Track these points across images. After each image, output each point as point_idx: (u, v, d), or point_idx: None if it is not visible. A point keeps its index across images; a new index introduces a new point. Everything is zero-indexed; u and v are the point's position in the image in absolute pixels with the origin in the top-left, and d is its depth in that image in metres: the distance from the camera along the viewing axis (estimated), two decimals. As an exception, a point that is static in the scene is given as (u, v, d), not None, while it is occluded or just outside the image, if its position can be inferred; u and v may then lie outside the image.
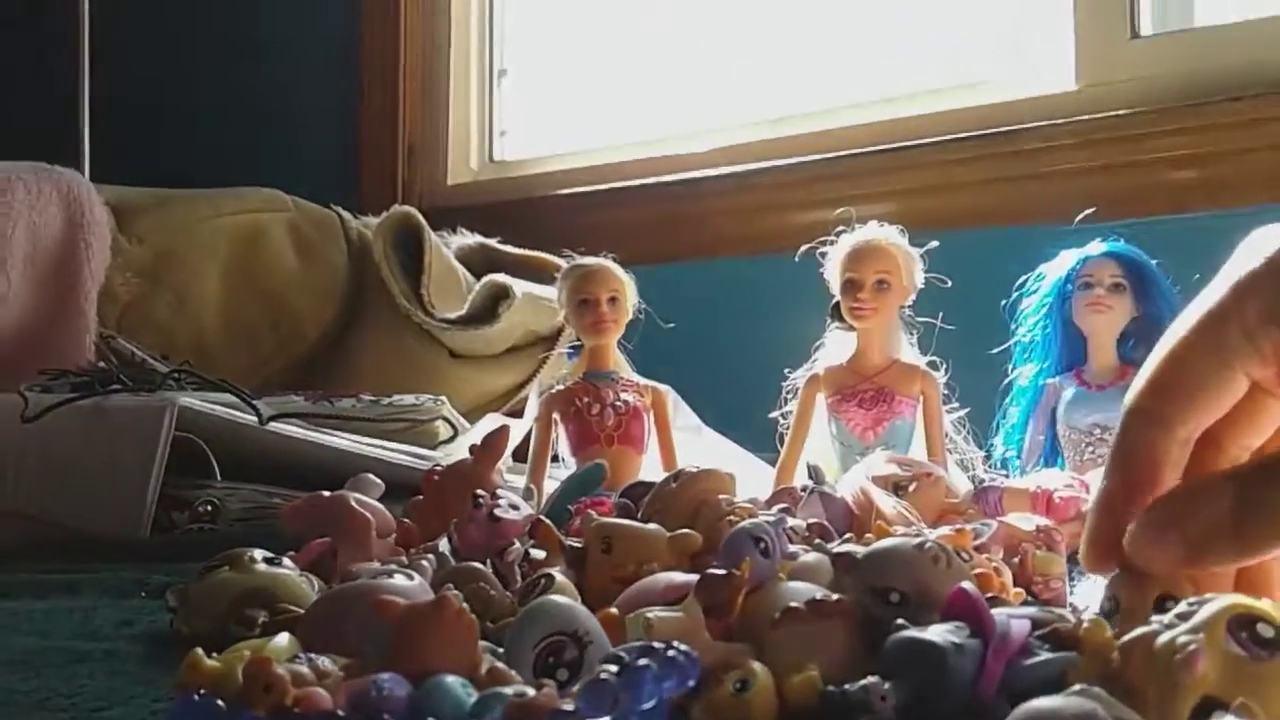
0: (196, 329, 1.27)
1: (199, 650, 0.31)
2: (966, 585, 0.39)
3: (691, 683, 0.29)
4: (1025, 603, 0.48)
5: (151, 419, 0.74)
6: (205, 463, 0.78)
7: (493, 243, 1.41)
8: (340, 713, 0.27)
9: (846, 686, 0.36)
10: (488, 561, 0.51)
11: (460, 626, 0.31)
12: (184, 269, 1.26)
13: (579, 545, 0.51)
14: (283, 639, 0.35)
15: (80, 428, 0.80)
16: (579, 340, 0.90)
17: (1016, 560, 0.54)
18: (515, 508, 0.54)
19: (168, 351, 1.14)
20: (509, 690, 0.29)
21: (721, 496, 0.56)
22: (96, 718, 0.34)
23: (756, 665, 0.38)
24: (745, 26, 1.54)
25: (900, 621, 0.39)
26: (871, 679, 0.36)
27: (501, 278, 1.22)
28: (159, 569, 0.60)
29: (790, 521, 0.54)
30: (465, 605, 0.31)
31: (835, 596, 0.41)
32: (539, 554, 0.54)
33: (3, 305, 1.12)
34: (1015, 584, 0.51)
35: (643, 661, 0.28)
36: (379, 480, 0.59)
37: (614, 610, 0.41)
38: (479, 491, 0.54)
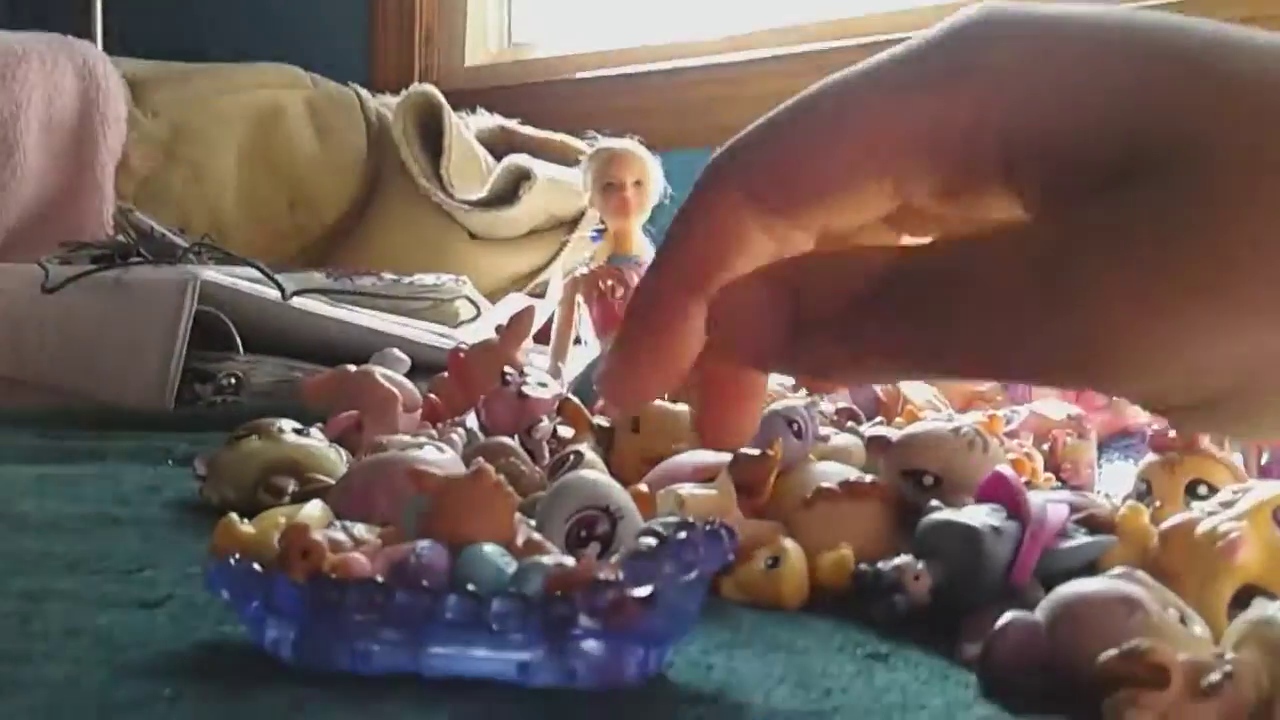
0: (213, 206, 1.26)
1: (233, 515, 0.31)
2: (1003, 468, 0.39)
3: (731, 557, 0.29)
4: (1055, 489, 0.47)
5: (173, 292, 0.73)
6: (227, 337, 0.78)
7: (513, 124, 1.38)
8: (379, 579, 0.27)
9: (879, 565, 0.36)
10: (515, 438, 0.51)
11: (498, 497, 0.30)
12: (200, 144, 1.24)
13: (607, 424, 0.51)
14: (315, 508, 0.35)
15: (101, 300, 0.80)
16: (603, 223, 0.88)
17: (1046, 448, 0.53)
18: (543, 385, 0.53)
19: (185, 228, 1.13)
20: (548, 560, 0.28)
21: (750, 379, 0.55)
22: (129, 580, 0.34)
23: (788, 543, 0.38)
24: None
25: (934, 504, 0.38)
26: (905, 559, 0.36)
27: (523, 159, 1.20)
28: (184, 439, 0.60)
29: (820, 405, 0.53)
30: (502, 477, 0.31)
31: (869, 478, 0.41)
32: (567, 432, 0.54)
33: (19, 177, 1.11)
34: (1045, 470, 0.51)
35: (683, 535, 0.28)
36: (405, 356, 0.58)
37: (644, 487, 0.41)
38: (507, 369, 0.54)
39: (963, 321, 0.20)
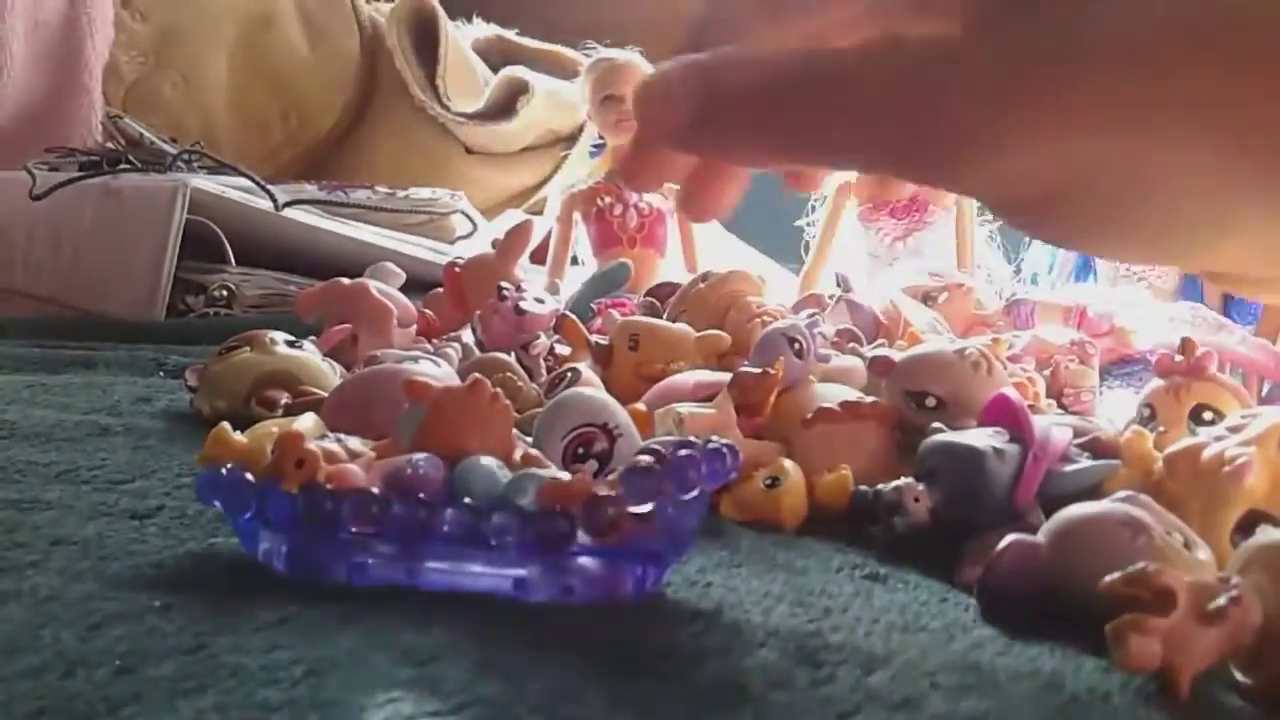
0: (204, 114, 1.24)
1: (225, 425, 0.30)
2: (1007, 391, 0.38)
3: (733, 475, 0.28)
4: (1057, 415, 0.47)
5: (164, 200, 0.72)
6: (218, 248, 0.76)
7: (510, 35, 1.35)
8: (375, 490, 0.26)
9: (879, 487, 0.36)
10: (512, 354, 0.50)
11: (495, 410, 0.30)
12: (189, 47, 1.21)
13: (605, 342, 0.50)
14: (308, 420, 0.34)
15: (90, 208, 0.79)
16: (602, 139, 0.86)
17: (1048, 373, 0.53)
18: (540, 301, 0.52)
19: (175, 137, 1.11)
20: (544, 473, 0.28)
21: (750, 298, 0.54)
22: (119, 490, 0.34)
23: (787, 463, 0.37)
24: None
25: (936, 425, 0.38)
26: (905, 480, 0.36)
27: (520, 71, 1.17)
28: (175, 350, 0.59)
29: (820, 327, 0.52)
30: (499, 390, 0.30)
31: (870, 399, 0.40)
32: (564, 349, 0.53)
33: (5, 80, 1.08)
34: (1046, 396, 0.50)
35: (685, 452, 0.27)
36: (399, 270, 0.58)
37: (641, 406, 0.40)
38: (503, 284, 0.53)
39: (845, 113, 0.22)
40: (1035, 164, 0.21)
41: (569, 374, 0.46)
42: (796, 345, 0.42)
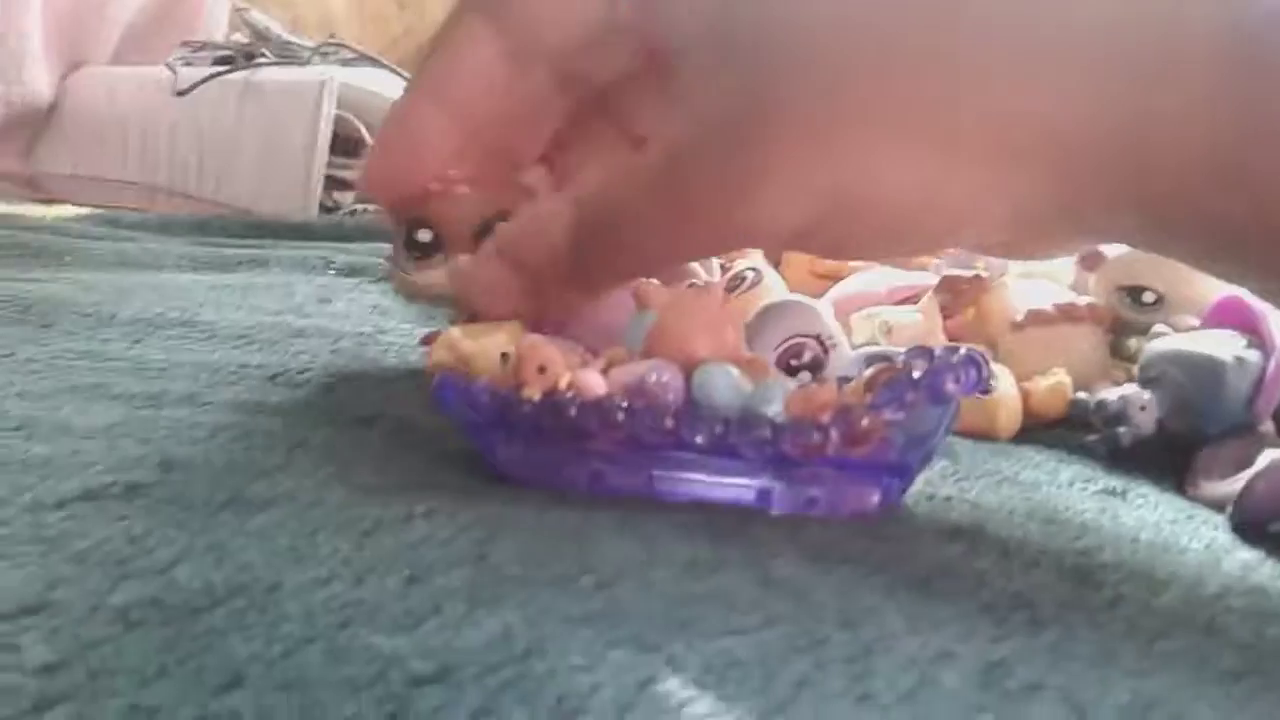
0: (323, 7, 1.23)
1: (454, 330, 0.30)
2: (1237, 290, 0.36)
3: (988, 387, 0.27)
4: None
5: (310, 96, 0.72)
6: (360, 142, 0.76)
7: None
8: (618, 400, 0.26)
9: (1102, 396, 0.34)
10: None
11: (725, 314, 0.29)
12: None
13: (777, 239, 0.49)
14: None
15: (232, 103, 0.79)
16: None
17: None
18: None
19: (296, 30, 1.10)
20: (789, 382, 0.27)
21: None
22: (334, 394, 0.34)
23: (999, 368, 0.36)
24: None
25: (1159, 328, 0.36)
26: (1130, 387, 0.34)
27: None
28: (334, 248, 0.60)
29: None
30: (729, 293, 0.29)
31: (1085, 300, 0.38)
32: (732, 247, 0.52)
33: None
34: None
35: (933, 361, 0.26)
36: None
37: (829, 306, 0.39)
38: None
39: (624, 248, 0.27)
40: (788, 206, 0.24)
41: (748, 274, 0.45)
42: (997, 245, 0.40)
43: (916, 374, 0.25)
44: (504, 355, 0.27)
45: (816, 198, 0.24)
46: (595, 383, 0.27)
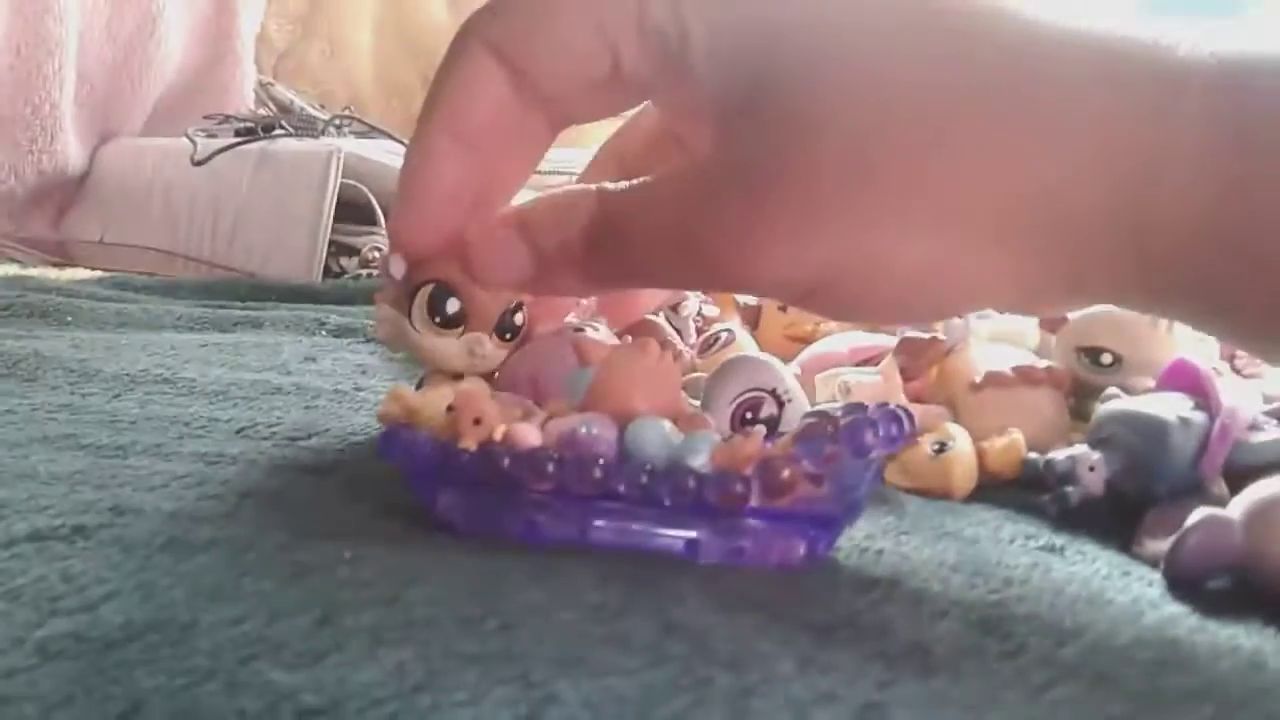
0: (350, 81, 1.27)
1: (402, 384, 0.31)
2: (1188, 354, 0.36)
3: (913, 440, 0.28)
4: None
5: (318, 165, 0.74)
6: (369, 211, 0.78)
7: None
8: (551, 451, 0.27)
9: (1051, 456, 0.35)
10: (661, 315, 0.50)
11: (663, 369, 0.30)
12: (336, 16, 1.24)
13: (754, 302, 0.50)
14: (475, 382, 0.35)
15: (248, 173, 0.81)
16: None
17: (1221, 338, 0.50)
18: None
19: (324, 104, 1.14)
20: (716, 435, 0.28)
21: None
22: (296, 447, 0.35)
23: (955, 428, 0.36)
24: None
25: (1112, 390, 0.36)
26: (1080, 448, 0.35)
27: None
28: (333, 311, 0.61)
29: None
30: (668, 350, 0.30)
31: (1044, 363, 0.39)
32: (712, 310, 0.53)
33: (163, 50, 1.13)
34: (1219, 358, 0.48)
35: (859, 415, 0.27)
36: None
37: (796, 370, 0.40)
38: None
39: (631, 255, 0.27)
40: (791, 266, 0.25)
41: (722, 335, 0.46)
42: (959, 308, 0.41)
43: (838, 429, 0.26)
44: (449, 407, 0.28)
45: (821, 262, 0.24)
46: (529, 434, 0.27)
